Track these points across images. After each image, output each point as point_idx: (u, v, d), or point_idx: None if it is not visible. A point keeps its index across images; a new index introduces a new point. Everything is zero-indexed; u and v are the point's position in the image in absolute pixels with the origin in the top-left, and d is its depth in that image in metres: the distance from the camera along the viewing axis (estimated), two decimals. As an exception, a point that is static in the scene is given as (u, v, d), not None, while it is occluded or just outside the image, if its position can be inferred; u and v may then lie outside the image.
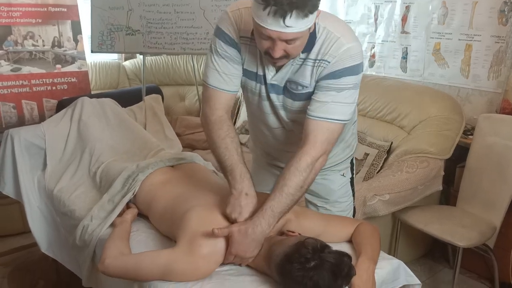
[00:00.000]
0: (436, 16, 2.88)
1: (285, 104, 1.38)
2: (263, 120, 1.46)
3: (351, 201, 1.68)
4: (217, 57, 1.33)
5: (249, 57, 1.34)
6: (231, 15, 1.30)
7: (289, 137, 1.48)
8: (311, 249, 1.10)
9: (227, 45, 1.31)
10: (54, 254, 1.94)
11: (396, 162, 2.46)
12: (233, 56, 1.32)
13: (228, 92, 1.35)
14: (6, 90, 2.77)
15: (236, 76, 1.35)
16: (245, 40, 1.31)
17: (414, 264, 2.59)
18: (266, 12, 1.09)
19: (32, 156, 1.99)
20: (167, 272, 1.20)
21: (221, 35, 1.31)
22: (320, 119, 1.27)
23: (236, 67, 1.34)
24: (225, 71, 1.33)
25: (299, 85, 1.31)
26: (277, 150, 1.56)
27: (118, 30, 3.03)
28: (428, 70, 2.99)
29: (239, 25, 1.30)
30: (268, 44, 1.17)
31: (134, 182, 1.61)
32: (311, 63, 1.27)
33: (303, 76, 1.30)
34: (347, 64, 1.25)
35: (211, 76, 1.34)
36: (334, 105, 1.27)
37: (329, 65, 1.25)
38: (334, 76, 1.26)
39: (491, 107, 2.67)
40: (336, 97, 1.27)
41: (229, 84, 1.34)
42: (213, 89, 1.35)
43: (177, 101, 4.07)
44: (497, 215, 2.23)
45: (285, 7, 1.07)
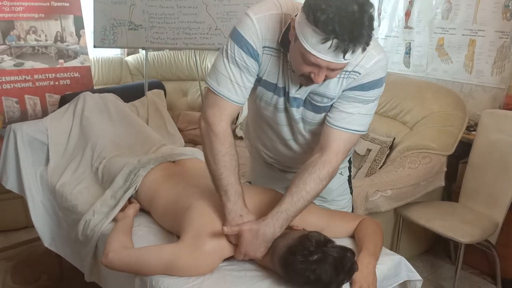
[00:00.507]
0: (439, 11, 2.87)
1: (306, 116, 1.34)
2: (276, 130, 1.42)
3: (349, 198, 1.68)
4: (233, 65, 1.22)
5: (271, 68, 1.26)
6: (256, 22, 1.19)
7: (300, 148, 1.46)
8: (315, 242, 1.10)
9: (248, 56, 1.21)
10: (56, 249, 1.95)
11: (399, 158, 2.45)
12: (251, 68, 1.23)
13: (237, 104, 1.26)
14: (9, 85, 2.77)
15: (249, 88, 1.27)
16: (269, 50, 1.23)
17: (416, 260, 2.59)
18: (326, 45, 1.03)
19: (35, 151, 1.99)
20: (170, 267, 1.21)
21: (243, 44, 1.20)
22: (344, 130, 1.26)
23: (250, 80, 1.26)
24: (239, 82, 1.23)
25: (324, 97, 1.27)
26: (286, 158, 1.54)
27: (120, 25, 3.03)
28: (432, 66, 2.98)
29: (264, 35, 1.20)
30: (311, 69, 1.11)
31: (135, 177, 1.61)
32: (342, 74, 1.22)
33: (330, 88, 1.25)
34: (377, 77, 1.23)
35: (223, 84, 1.23)
36: (359, 116, 1.26)
37: (359, 76, 1.22)
38: (363, 88, 1.24)
39: (495, 103, 2.66)
40: (362, 109, 1.26)
41: (240, 96, 1.25)
42: (222, 98, 1.24)
43: (179, 96, 4.07)
44: (500, 211, 2.22)
45: (348, 43, 1.02)
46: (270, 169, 1.63)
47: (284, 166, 1.59)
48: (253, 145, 1.64)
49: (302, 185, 1.22)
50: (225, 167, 1.24)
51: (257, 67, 1.25)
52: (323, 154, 1.25)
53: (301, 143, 1.45)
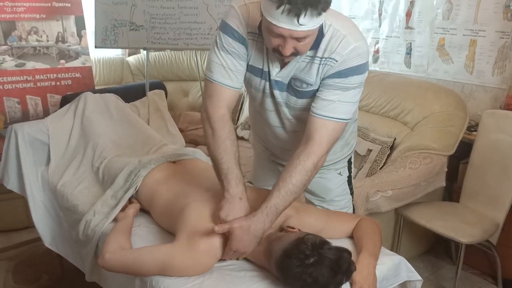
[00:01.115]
0: (440, 11, 2.86)
1: (289, 101, 1.37)
2: (265, 118, 1.46)
3: (349, 199, 1.68)
4: (223, 52, 1.30)
5: (256, 53, 1.32)
6: (238, 10, 1.28)
7: (289, 136, 1.47)
8: (310, 245, 1.10)
9: (235, 41, 1.29)
10: (57, 249, 1.95)
11: (399, 158, 2.45)
12: (240, 52, 1.30)
13: (233, 88, 1.33)
14: (11, 85, 2.78)
15: (241, 72, 1.33)
16: (253, 36, 1.30)
17: (416, 260, 2.59)
18: (280, 10, 1.08)
19: (36, 151, 2.00)
20: (166, 267, 1.21)
21: (229, 31, 1.29)
22: (326, 118, 1.26)
23: (242, 64, 1.32)
24: (231, 67, 1.30)
25: (304, 83, 1.30)
26: (277, 148, 1.56)
27: (121, 26, 3.04)
28: (432, 66, 2.98)
29: (247, 21, 1.28)
30: (278, 41, 1.16)
31: (136, 177, 1.61)
32: (318, 61, 1.26)
33: (309, 74, 1.29)
34: (354, 63, 1.24)
35: (216, 71, 1.31)
36: (340, 104, 1.27)
37: (336, 63, 1.24)
38: (341, 75, 1.25)
39: (496, 103, 2.65)
40: (342, 96, 1.26)
41: (234, 80, 1.32)
42: (217, 84, 1.31)
43: (180, 96, 4.08)
44: (500, 211, 2.22)
45: (299, 6, 1.06)
46: (272, 164, 1.64)
47: (279, 159, 1.59)
48: (256, 141, 1.66)
49: (288, 178, 1.24)
50: (225, 152, 1.27)
51: (245, 51, 1.31)
52: (307, 146, 1.27)
53: (289, 130, 1.46)
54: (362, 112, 2.84)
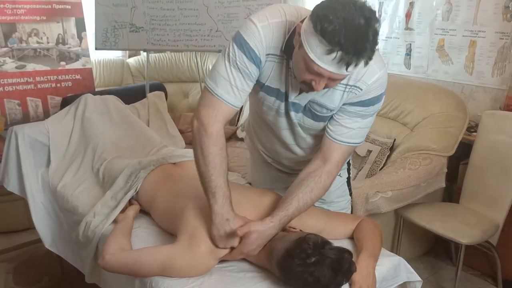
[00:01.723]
0: (440, 12, 2.87)
1: (303, 122, 1.35)
2: (278, 135, 1.44)
3: (348, 200, 1.68)
4: (234, 69, 1.21)
5: (274, 74, 1.27)
6: (261, 29, 1.19)
7: (302, 152, 1.47)
8: (312, 244, 1.10)
9: (249, 62, 1.21)
10: (57, 250, 1.96)
11: (399, 159, 2.45)
12: (251, 74, 1.23)
13: (234, 107, 1.26)
14: (11, 87, 2.79)
15: (246, 92, 1.27)
16: (273, 57, 1.24)
17: (416, 261, 2.58)
18: (331, 56, 1.03)
19: (36, 152, 2.00)
20: (167, 268, 1.21)
21: (246, 49, 1.20)
22: (345, 143, 1.29)
23: (250, 85, 1.26)
24: (238, 86, 1.23)
25: (324, 108, 1.28)
26: (285, 159, 1.55)
27: (122, 27, 3.04)
28: (432, 67, 2.98)
29: (268, 43, 1.21)
30: (313, 77, 1.11)
31: (136, 179, 1.62)
32: (342, 87, 1.23)
33: (331, 100, 1.26)
34: (378, 93, 1.25)
35: (221, 86, 1.23)
36: (358, 130, 1.29)
37: (361, 92, 1.23)
38: (364, 104, 1.26)
39: (495, 104, 2.66)
40: (361, 123, 1.29)
41: (238, 99, 1.25)
42: (219, 99, 1.23)
43: (180, 98, 4.08)
44: (500, 212, 2.22)
45: (352, 57, 1.03)
46: (270, 168, 1.64)
47: (283, 167, 1.59)
48: (255, 145, 1.64)
49: (309, 193, 1.26)
50: (215, 169, 1.22)
51: (258, 73, 1.25)
52: (326, 165, 1.29)
53: (303, 147, 1.46)
54: (362, 113, 2.84)
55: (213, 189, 1.22)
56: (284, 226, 1.25)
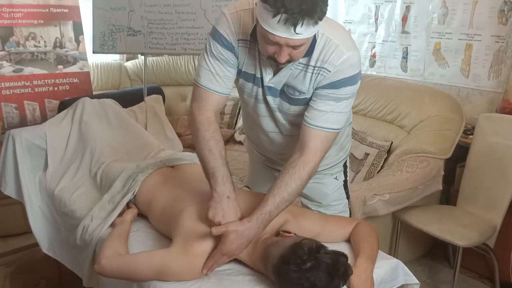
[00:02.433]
0: (436, 16, 2.89)
1: (282, 107, 1.38)
2: (259, 123, 1.46)
3: (346, 203, 1.68)
4: (211, 58, 1.31)
5: (248, 59, 1.32)
6: (229, 17, 1.29)
7: (285, 141, 1.48)
8: (307, 250, 1.10)
9: (223, 48, 1.29)
10: (54, 254, 1.95)
11: (396, 162, 2.46)
12: (228, 59, 1.31)
13: (219, 93, 1.33)
14: (8, 91, 2.78)
15: (229, 78, 1.34)
16: (244, 42, 1.30)
17: (414, 264, 2.59)
18: (276, 19, 1.07)
19: (34, 156, 2.00)
20: (162, 272, 1.21)
21: (218, 37, 1.30)
22: (319, 128, 1.28)
23: (230, 70, 1.33)
24: (219, 73, 1.31)
25: (296, 91, 1.31)
26: (272, 153, 1.57)
27: (119, 31, 3.05)
28: (429, 70, 2.99)
29: (237, 28, 1.28)
30: (274, 49, 1.16)
31: (134, 182, 1.61)
32: (310, 69, 1.27)
33: (302, 82, 1.29)
34: (347, 74, 1.25)
35: (204, 76, 1.32)
36: (333, 114, 1.28)
37: (329, 74, 1.25)
38: (334, 86, 1.26)
39: (492, 106, 2.67)
40: (335, 107, 1.28)
41: (221, 86, 1.33)
42: (204, 89, 1.33)
43: (178, 101, 4.08)
44: (497, 214, 2.23)
45: (296, 16, 1.06)
46: (267, 169, 1.65)
47: (275, 164, 1.60)
48: (250, 146, 1.66)
49: (284, 187, 1.25)
50: (210, 151, 1.28)
51: (235, 58, 1.32)
52: (302, 154, 1.28)
53: (284, 135, 1.46)
54: (359, 116, 2.85)
55: (211, 170, 1.27)
56: (267, 224, 1.24)
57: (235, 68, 1.34)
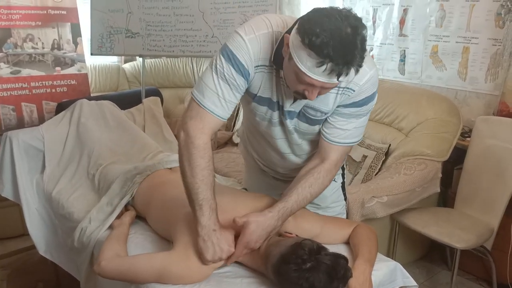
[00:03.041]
0: (433, 19, 2.90)
1: (299, 127, 1.36)
2: (272, 144, 1.45)
3: (343, 205, 1.69)
4: (221, 81, 1.21)
5: (265, 84, 1.28)
6: (248, 42, 1.20)
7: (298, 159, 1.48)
8: (308, 250, 1.10)
9: (237, 74, 1.21)
10: (52, 256, 1.94)
11: (394, 164, 2.46)
12: (239, 86, 1.23)
13: (221, 118, 1.26)
14: (6, 92, 2.78)
15: (234, 104, 1.27)
16: (262, 68, 1.25)
17: (412, 266, 2.59)
18: (321, 68, 1.04)
19: (31, 158, 1.99)
20: (162, 275, 1.21)
21: (234, 62, 1.20)
22: (341, 144, 1.32)
23: (238, 96, 1.26)
24: (225, 97, 1.23)
25: (318, 111, 1.30)
26: (281, 168, 1.56)
27: (117, 33, 3.05)
28: (426, 73, 3.00)
29: (257, 55, 1.21)
30: (305, 87, 1.13)
31: (132, 184, 1.61)
32: (335, 90, 1.24)
33: (325, 104, 1.28)
34: (370, 92, 1.27)
35: (208, 97, 1.22)
36: (354, 130, 1.32)
37: (353, 93, 1.25)
38: (358, 105, 1.28)
39: (489, 109, 2.68)
40: (357, 123, 1.31)
41: (225, 110, 1.25)
42: (207, 111, 1.23)
43: (176, 103, 4.09)
44: (495, 217, 2.24)
45: (341, 67, 1.04)
46: (265, 175, 1.64)
47: (279, 174, 1.60)
48: (249, 153, 1.65)
49: (308, 188, 1.28)
50: (202, 181, 1.21)
51: (246, 85, 1.26)
52: (325, 163, 1.32)
53: (299, 154, 1.47)
54: (357, 118, 2.85)
55: (200, 201, 1.21)
56: (285, 219, 1.26)
57: (242, 94, 1.27)
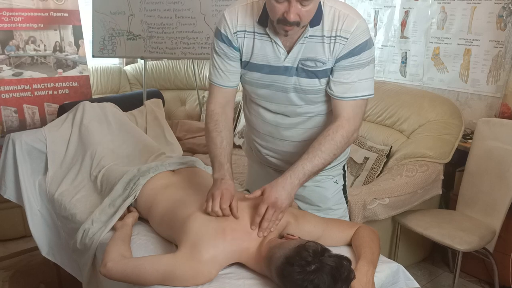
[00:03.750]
0: (435, 21, 2.90)
1: (299, 84, 1.39)
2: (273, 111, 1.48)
3: (345, 208, 1.69)
4: (216, 55, 1.43)
5: (252, 49, 1.38)
6: (227, 15, 1.39)
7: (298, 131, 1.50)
8: (312, 252, 1.10)
9: (223, 43, 1.40)
10: (54, 258, 1.94)
11: (396, 166, 2.46)
12: (227, 53, 1.40)
13: (223, 86, 1.45)
14: (8, 94, 2.78)
15: (231, 72, 1.43)
16: (242, 33, 1.38)
17: (414, 268, 2.59)
18: None
19: (33, 160, 2.00)
20: (168, 278, 1.21)
21: (218, 35, 1.41)
22: (350, 98, 1.35)
23: (232, 64, 1.42)
24: (222, 68, 1.43)
25: (317, 61, 1.34)
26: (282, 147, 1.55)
27: (119, 35, 3.06)
28: (428, 75, 3.01)
29: (234, 22, 1.38)
30: (283, 8, 1.21)
31: (135, 186, 1.61)
32: (327, 40, 1.31)
33: (321, 52, 1.33)
34: (363, 39, 1.31)
35: (213, 73, 1.46)
36: (360, 82, 1.34)
37: (346, 42, 1.30)
38: (354, 53, 1.31)
39: (490, 111, 2.68)
40: (360, 74, 1.34)
41: (224, 79, 1.44)
42: (213, 84, 1.46)
43: (178, 105, 4.09)
44: (497, 219, 2.24)
45: None
46: (268, 173, 1.65)
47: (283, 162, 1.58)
48: (251, 144, 1.65)
49: (317, 145, 1.32)
50: (211, 142, 1.41)
51: (235, 51, 1.40)
52: (336, 121, 1.36)
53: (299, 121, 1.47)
54: (358, 120, 2.85)
55: (211, 159, 1.41)
56: (302, 178, 1.29)
57: (236, 61, 1.42)
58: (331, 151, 1.32)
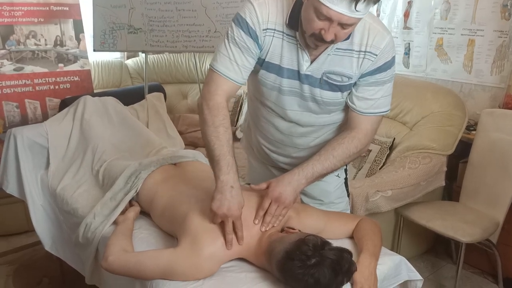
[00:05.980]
0: (438, 11, 2.87)
1: (321, 96, 1.35)
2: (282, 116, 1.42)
3: (347, 201, 1.68)
4: (232, 44, 1.27)
5: (273, 50, 1.30)
6: (256, 7, 1.26)
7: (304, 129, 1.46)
8: (312, 246, 1.10)
9: (246, 36, 1.26)
10: (57, 252, 1.95)
11: (399, 158, 2.45)
12: (250, 48, 1.27)
13: (233, 81, 1.30)
14: (9, 89, 2.78)
15: (247, 69, 1.31)
16: (271, 32, 1.28)
17: (417, 260, 2.59)
18: None
19: (35, 155, 2.00)
20: (168, 272, 1.21)
21: (243, 25, 1.26)
22: (371, 114, 1.34)
23: (249, 60, 1.29)
24: (238, 61, 1.28)
25: (343, 76, 1.30)
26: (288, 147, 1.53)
27: (120, 29, 3.04)
28: (431, 66, 2.98)
29: (265, 18, 1.26)
30: (322, 25, 1.13)
31: (136, 180, 1.61)
32: (356, 54, 1.27)
33: (348, 67, 1.29)
34: (390, 56, 1.29)
35: (221, 61, 1.29)
36: (383, 99, 1.33)
37: (375, 58, 1.26)
38: (381, 70, 1.29)
39: (494, 102, 2.66)
40: (384, 91, 1.32)
41: (237, 74, 1.29)
42: (219, 74, 1.29)
43: (179, 99, 4.08)
44: (500, 210, 2.22)
45: None
46: (268, 170, 1.64)
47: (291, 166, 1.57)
48: (254, 144, 1.63)
49: (331, 150, 1.31)
50: (217, 138, 1.25)
51: (257, 49, 1.29)
52: (352, 132, 1.33)
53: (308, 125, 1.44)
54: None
55: (217, 157, 1.24)
56: (310, 177, 1.28)
57: (255, 59, 1.31)
58: (342, 158, 1.32)
